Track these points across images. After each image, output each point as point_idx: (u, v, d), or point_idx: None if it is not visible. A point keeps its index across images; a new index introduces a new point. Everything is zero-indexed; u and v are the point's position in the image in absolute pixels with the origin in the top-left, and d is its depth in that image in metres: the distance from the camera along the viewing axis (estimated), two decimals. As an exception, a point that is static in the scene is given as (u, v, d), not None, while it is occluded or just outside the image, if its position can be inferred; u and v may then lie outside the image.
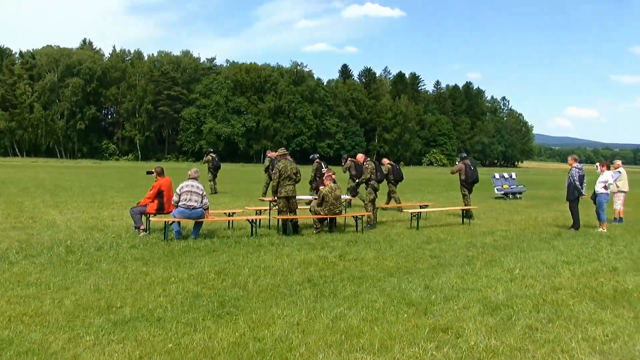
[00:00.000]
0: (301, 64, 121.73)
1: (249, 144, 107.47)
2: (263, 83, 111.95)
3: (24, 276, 7.82)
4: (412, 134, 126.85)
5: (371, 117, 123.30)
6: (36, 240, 10.87)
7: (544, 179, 59.91)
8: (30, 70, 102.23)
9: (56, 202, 18.35)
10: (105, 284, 7.49)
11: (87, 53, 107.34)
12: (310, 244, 11.43)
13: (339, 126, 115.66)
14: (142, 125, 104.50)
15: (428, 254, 10.53)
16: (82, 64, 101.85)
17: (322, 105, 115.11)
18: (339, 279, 8.18)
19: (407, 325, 6.00)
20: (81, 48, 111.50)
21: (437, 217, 17.16)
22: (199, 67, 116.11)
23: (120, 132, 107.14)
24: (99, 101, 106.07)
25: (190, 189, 11.86)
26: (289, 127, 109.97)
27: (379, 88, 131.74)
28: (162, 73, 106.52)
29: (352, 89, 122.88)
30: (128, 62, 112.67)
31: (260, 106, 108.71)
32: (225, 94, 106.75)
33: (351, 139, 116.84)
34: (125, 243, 10.73)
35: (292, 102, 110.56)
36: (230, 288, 7.46)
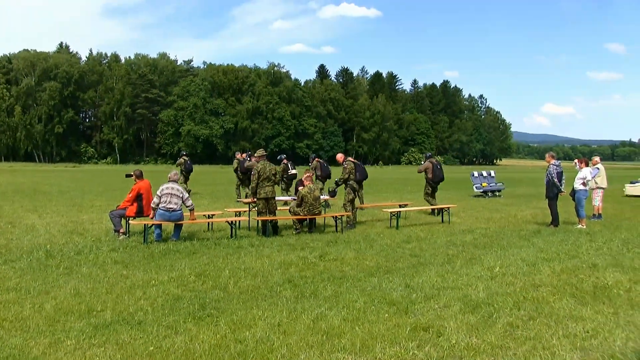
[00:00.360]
0: (278, 64, 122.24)
1: (228, 146, 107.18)
2: (240, 84, 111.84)
3: (4, 281, 7.74)
4: (390, 133, 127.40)
5: (349, 117, 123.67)
6: (15, 245, 10.76)
7: (522, 176, 60.43)
8: (7, 74, 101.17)
9: (35, 207, 18.16)
10: (85, 287, 7.44)
11: (63, 57, 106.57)
12: (290, 244, 11.43)
13: (317, 126, 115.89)
14: (120, 128, 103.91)
15: (408, 253, 10.56)
16: (59, 68, 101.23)
17: (300, 106, 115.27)
18: (320, 279, 8.19)
19: (388, 324, 6.01)
20: (58, 52, 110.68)
21: (416, 216, 17.23)
22: (176, 69, 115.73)
23: (99, 136, 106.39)
24: (77, 105, 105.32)
25: (170, 192, 11.80)
26: (267, 128, 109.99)
27: (356, 88, 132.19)
28: (139, 76, 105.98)
29: (330, 89, 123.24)
30: (105, 65, 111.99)
31: (238, 107, 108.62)
32: (202, 95, 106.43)
33: (329, 139, 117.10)
34: (105, 246, 10.65)
35: (270, 103, 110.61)
36: (211, 290, 7.44)
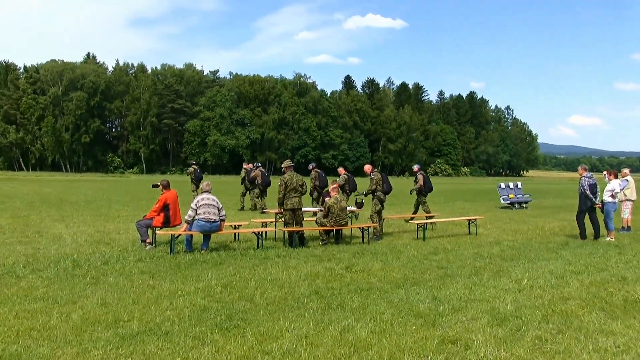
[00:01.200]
0: (304, 75, 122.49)
1: (254, 156, 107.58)
2: (267, 95, 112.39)
3: (31, 290, 7.84)
4: (416, 144, 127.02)
5: (375, 128, 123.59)
6: (43, 255, 10.90)
7: (549, 188, 59.81)
8: (34, 84, 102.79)
9: (62, 216, 18.40)
10: (112, 297, 7.50)
11: (90, 67, 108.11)
12: (317, 255, 11.42)
13: (343, 137, 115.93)
14: (146, 138, 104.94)
15: (435, 265, 10.49)
16: (85, 78, 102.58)
17: (326, 117, 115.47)
18: (346, 290, 8.16)
19: (415, 337, 5.97)
20: (85, 62, 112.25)
21: (443, 228, 17.10)
22: (202, 79, 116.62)
23: (125, 146, 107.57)
24: (104, 114, 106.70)
25: (207, 202, 11.86)
26: (293, 138, 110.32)
27: (382, 99, 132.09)
28: (165, 86, 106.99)
29: (356, 100, 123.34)
30: (131, 76, 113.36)
31: (264, 118, 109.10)
32: (229, 106, 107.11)
33: (355, 150, 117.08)
34: (131, 256, 10.74)
35: (296, 114, 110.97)
36: (238, 301, 7.45)
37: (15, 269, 9.35)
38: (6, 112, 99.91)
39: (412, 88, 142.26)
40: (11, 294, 7.62)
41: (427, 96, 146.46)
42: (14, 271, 9.14)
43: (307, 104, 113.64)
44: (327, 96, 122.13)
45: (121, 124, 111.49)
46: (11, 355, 5.29)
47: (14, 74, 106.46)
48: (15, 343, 5.63)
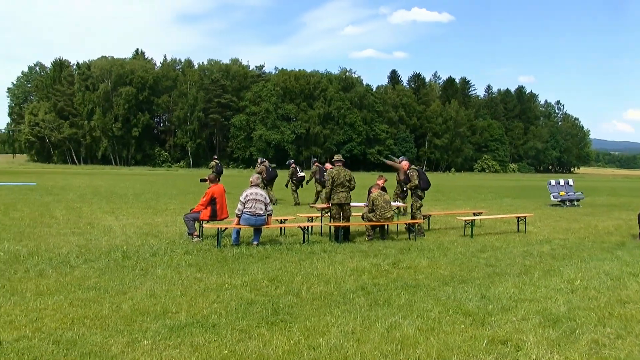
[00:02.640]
0: (350, 70, 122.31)
1: (299, 151, 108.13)
2: (312, 90, 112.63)
3: (84, 280, 8.04)
4: (463, 139, 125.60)
5: (421, 123, 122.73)
6: (94, 245, 11.15)
7: (602, 185, 58.27)
8: (86, 80, 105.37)
9: (112, 208, 18.81)
10: (160, 289, 7.62)
11: (139, 63, 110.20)
12: (363, 251, 11.39)
13: (388, 132, 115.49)
14: (193, 132, 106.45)
15: (483, 263, 10.35)
16: (134, 73, 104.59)
17: (372, 112, 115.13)
18: (393, 287, 8.11)
19: (464, 336, 5.89)
20: (134, 58, 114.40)
21: (491, 225, 16.86)
22: (248, 74, 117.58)
23: (172, 140, 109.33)
24: (152, 109, 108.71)
25: (255, 197, 11.94)
26: (338, 133, 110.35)
27: (428, 93, 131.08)
28: (212, 81, 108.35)
29: (402, 94, 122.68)
30: (179, 71, 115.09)
31: (310, 113, 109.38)
32: (274, 101, 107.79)
33: (401, 145, 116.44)
34: (179, 249, 10.89)
35: (342, 109, 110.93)
36: (284, 295, 7.48)
37: (69, 258, 9.60)
38: (61, 108, 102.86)
39: (458, 82, 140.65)
40: (66, 282, 7.83)
41: (474, 91, 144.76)
42: (68, 261, 9.39)
43: (352, 98, 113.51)
44: (373, 91, 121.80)
45: (169, 119, 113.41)
46: (67, 341, 5.44)
47: (67, 70, 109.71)
48: (71, 330, 5.78)
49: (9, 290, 7.37)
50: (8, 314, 6.28)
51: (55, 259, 9.53)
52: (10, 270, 8.60)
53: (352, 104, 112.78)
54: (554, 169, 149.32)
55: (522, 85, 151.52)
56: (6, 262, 9.18)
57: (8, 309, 6.49)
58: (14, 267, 8.79)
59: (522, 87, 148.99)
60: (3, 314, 6.31)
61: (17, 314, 6.29)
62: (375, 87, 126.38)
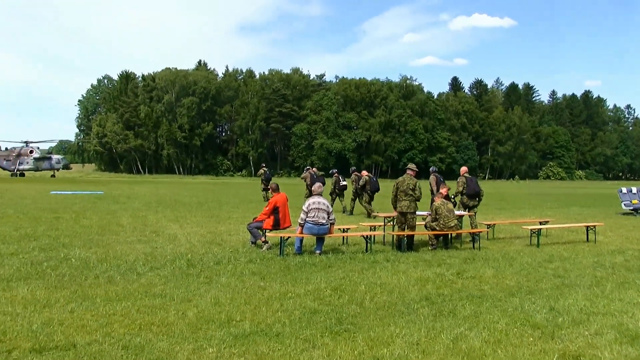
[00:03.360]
0: (410, 77, 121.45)
1: (360, 159, 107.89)
2: (373, 98, 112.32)
3: (150, 287, 8.23)
4: (527, 146, 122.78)
5: (484, 130, 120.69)
6: (160, 253, 11.40)
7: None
8: (151, 92, 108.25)
9: (176, 217, 19.21)
10: (225, 297, 7.71)
11: (201, 73, 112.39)
12: (426, 260, 11.27)
13: (450, 140, 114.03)
14: (254, 141, 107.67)
15: (551, 273, 10.08)
16: (197, 84, 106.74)
17: (433, 119, 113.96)
18: (458, 297, 7.99)
19: (533, 349, 5.74)
20: (197, 69, 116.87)
21: (558, 234, 16.39)
22: (308, 83, 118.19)
23: (234, 149, 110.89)
24: (214, 119, 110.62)
25: (318, 206, 12.00)
26: (399, 141, 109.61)
27: (490, 100, 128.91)
28: (273, 90, 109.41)
29: (463, 101, 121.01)
30: (240, 81, 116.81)
31: (371, 121, 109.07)
32: (335, 109, 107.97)
33: (463, 153, 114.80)
34: (242, 258, 11.02)
35: (402, 117, 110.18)
36: (347, 305, 7.45)
37: (135, 266, 9.86)
38: (127, 119, 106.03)
39: (522, 88, 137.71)
40: (133, 289, 8.04)
41: (538, 96, 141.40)
42: (134, 268, 9.64)
43: (413, 106, 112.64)
44: (434, 98, 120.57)
45: (231, 128, 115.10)
46: (135, 347, 5.59)
47: (133, 82, 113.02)
48: (139, 336, 5.93)
49: (81, 295, 7.63)
50: (80, 318, 6.51)
51: (123, 266, 9.80)
52: (81, 276, 8.90)
53: (413, 112, 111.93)
54: (624, 176, 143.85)
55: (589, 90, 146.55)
56: (77, 269, 9.51)
57: (80, 314, 6.72)
58: (84, 273, 9.10)
59: (588, 92, 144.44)
60: (76, 318, 6.54)
61: (88, 319, 6.50)
62: (437, 94, 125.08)
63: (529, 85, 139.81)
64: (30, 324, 6.24)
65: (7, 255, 10.69)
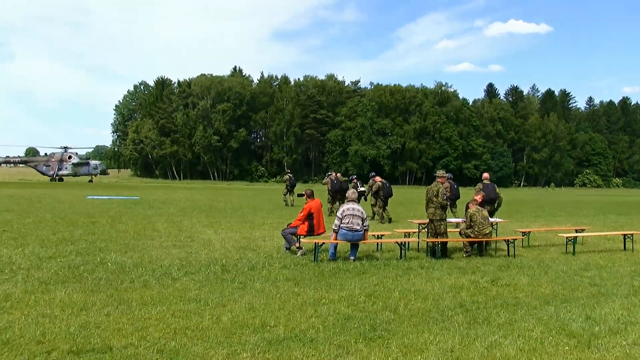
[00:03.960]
0: (445, 84, 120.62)
1: (395, 166, 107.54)
2: (407, 104, 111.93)
3: (185, 292, 8.32)
4: (562, 153, 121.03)
5: (519, 137, 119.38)
6: (194, 258, 11.53)
7: None
8: (186, 98, 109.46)
9: (211, 222, 19.37)
10: (259, 302, 7.76)
11: (237, 80, 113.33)
12: (461, 268, 11.20)
13: (485, 147, 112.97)
14: (289, 148, 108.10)
15: (587, 282, 9.93)
16: (232, 90, 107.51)
17: (468, 126, 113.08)
18: (492, 305, 7.93)
19: (569, 358, 5.68)
20: (232, 75, 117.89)
21: (594, 242, 16.11)
22: (343, 90, 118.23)
23: (269, 155, 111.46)
24: (249, 125, 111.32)
25: (352, 212, 12.00)
26: (434, 148, 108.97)
27: (526, 107, 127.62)
28: (308, 97, 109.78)
29: (499, 108, 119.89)
30: (275, 87, 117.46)
31: (405, 127, 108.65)
32: (370, 116, 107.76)
33: (498, 160, 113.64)
34: (276, 263, 11.07)
35: (437, 123, 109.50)
36: (381, 311, 7.45)
37: (170, 270, 9.98)
38: (162, 125, 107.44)
39: (558, 95, 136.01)
40: (168, 294, 8.14)
41: (574, 103, 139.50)
42: (169, 273, 9.76)
43: (448, 113, 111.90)
44: (469, 105, 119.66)
45: (265, 134, 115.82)
46: (170, 351, 5.67)
47: (168, 89, 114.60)
48: (173, 340, 6.01)
49: (117, 299, 7.76)
50: (116, 322, 6.62)
51: (158, 271, 9.93)
52: (117, 280, 9.05)
53: (448, 119, 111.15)
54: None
55: (627, 97, 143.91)
56: (113, 273, 9.67)
57: (116, 317, 6.83)
58: (120, 278, 9.25)
59: (626, 98, 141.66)
60: (112, 321, 6.65)
61: (124, 322, 6.61)
62: (472, 101, 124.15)
63: (565, 92, 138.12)
64: (68, 327, 6.38)
65: (45, 259, 10.93)
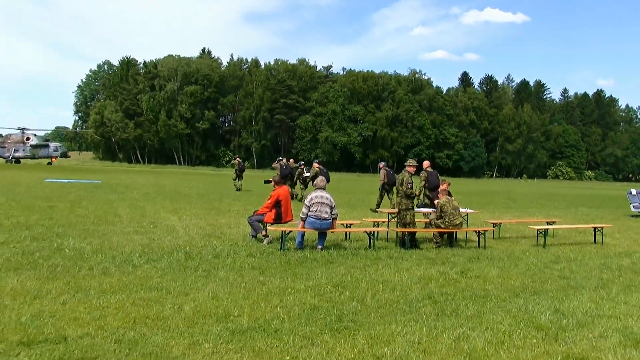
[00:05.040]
0: (419, 71, 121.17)
1: (366, 154, 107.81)
2: (380, 91, 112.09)
3: (147, 280, 8.21)
4: (536, 145, 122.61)
5: (492, 127, 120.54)
6: (157, 245, 11.40)
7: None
8: (153, 79, 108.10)
9: (175, 208, 19.21)
10: (223, 291, 7.70)
11: (205, 62, 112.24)
12: (430, 258, 11.26)
13: (458, 136, 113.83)
14: (258, 133, 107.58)
15: (557, 275, 10.08)
16: (200, 72, 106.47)
17: (441, 115, 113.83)
18: (461, 297, 7.99)
19: (536, 351, 5.73)
20: (200, 57, 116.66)
21: (565, 235, 16.37)
22: (315, 75, 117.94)
23: (237, 140, 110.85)
24: (217, 109, 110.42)
25: (320, 200, 11.97)
26: (406, 136, 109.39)
27: (501, 97, 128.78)
28: (278, 81, 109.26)
29: (473, 97, 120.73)
30: (245, 70, 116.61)
31: (377, 115, 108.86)
32: (341, 102, 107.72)
33: (471, 150, 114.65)
34: (242, 251, 11.02)
35: (410, 111, 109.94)
36: (348, 302, 7.45)
37: (132, 257, 9.85)
38: (127, 107, 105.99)
39: (533, 86, 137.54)
40: (128, 281, 8.03)
41: (549, 94, 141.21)
42: (130, 260, 9.63)
43: (421, 101, 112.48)
44: (443, 93, 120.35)
45: (234, 119, 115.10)
46: (129, 341, 5.58)
47: (134, 69, 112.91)
48: (133, 329, 5.92)
49: (74, 287, 7.61)
50: (72, 311, 6.50)
51: (119, 258, 9.79)
52: (75, 267, 8.89)
53: (421, 107, 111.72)
54: (634, 178, 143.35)
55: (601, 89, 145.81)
56: (71, 259, 9.50)
57: (72, 306, 6.70)
58: (78, 264, 9.09)
59: (601, 91, 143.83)
60: (68, 310, 6.52)
61: (81, 311, 6.49)
62: (446, 89, 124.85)
63: (540, 83, 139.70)
64: (18, 316, 6.23)
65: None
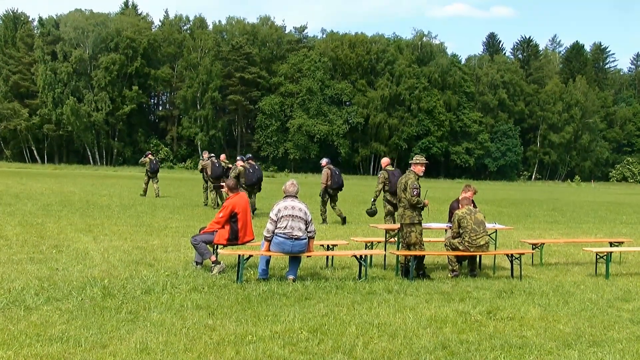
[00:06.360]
0: (428, 34, 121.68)
1: (354, 148, 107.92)
2: (374, 62, 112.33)
3: (46, 327, 8.12)
4: (594, 134, 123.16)
5: (531, 110, 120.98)
6: (62, 278, 11.29)
7: None
8: (53, 44, 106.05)
9: (89, 226, 19.11)
10: (156, 341, 7.67)
11: (129, 20, 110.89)
12: (445, 293, 11.33)
13: (482, 123, 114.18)
14: (205, 120, 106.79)
15: (626, 317, 10.12)
16: (122, 35, 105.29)
17: (459, 94, 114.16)
18: (489, 346, 8.05)
19: None
20: (122, 13, 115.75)
21: (637, 261, 16.52)
22: (283, 39, 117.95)
23: (176, 130, 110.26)
24: (146, 86, 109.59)
25: (291, 213, 11.85)
26: (410, 124, 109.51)
27: (543, 67, 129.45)
28: (232, 48, 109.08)
29: (503, 69, 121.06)
30: (186, 33, 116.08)
31: (370, 94, 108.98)
32: (320, 77, 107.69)
33: (500, 142, 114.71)
34: (183, 284, 11.00)
35: (416, 89, 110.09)
36: (331, 353, 7.47)
37: (24, 296, 9.73)
38: (15, 84, 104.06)
39: (589, 51, 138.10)
40: (18, 332, 7.91)
41: (614, 63, 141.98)
42: (22, 300, 9.51)
43: (431, 75, 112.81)
44: (461, 64, 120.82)
45: (170, 100, 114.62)
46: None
47: (25, 28, 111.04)
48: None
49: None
50: None
51: (4, 297, 9.66)
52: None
53: (430, 83, 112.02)
54: None
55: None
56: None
57: None
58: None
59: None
60: None
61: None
62: (465, 58, 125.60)
63: (600, 47, 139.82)
64: None
65: None
